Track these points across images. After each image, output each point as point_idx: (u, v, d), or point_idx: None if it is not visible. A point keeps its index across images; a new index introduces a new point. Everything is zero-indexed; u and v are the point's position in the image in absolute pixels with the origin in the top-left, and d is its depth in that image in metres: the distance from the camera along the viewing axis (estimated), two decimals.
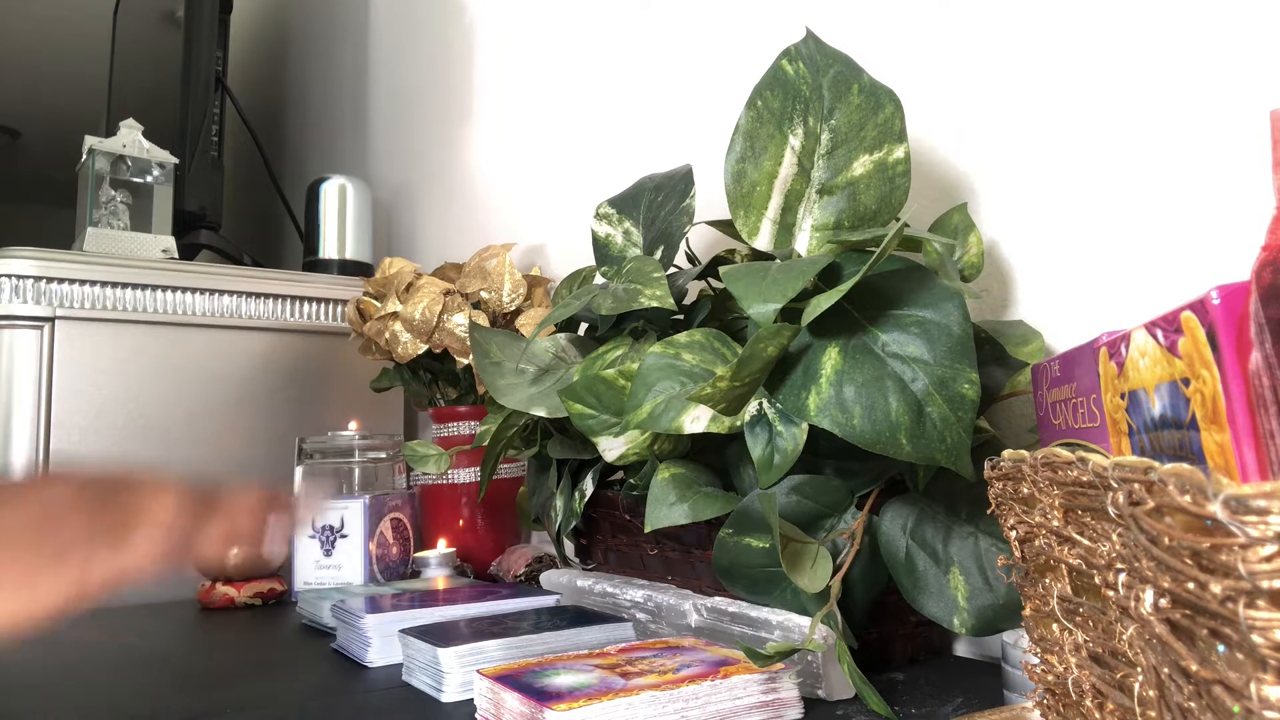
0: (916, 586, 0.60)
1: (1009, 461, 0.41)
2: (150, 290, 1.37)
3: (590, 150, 1.26)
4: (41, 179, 3.76)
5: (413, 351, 1.18)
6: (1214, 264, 0.60)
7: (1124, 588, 0.32)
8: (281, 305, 1.48)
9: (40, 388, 1.28)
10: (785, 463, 0.60)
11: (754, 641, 0.61)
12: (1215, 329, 0.31)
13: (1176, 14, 0.63)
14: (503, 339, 0.84)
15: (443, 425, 1.22)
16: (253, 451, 1.43)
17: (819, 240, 0.65)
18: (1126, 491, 0.29)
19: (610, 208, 0.84)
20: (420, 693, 0.64)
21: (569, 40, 1.31)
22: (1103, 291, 0.67)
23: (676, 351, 0.64)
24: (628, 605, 0.74)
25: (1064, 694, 0.39)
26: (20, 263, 1.28)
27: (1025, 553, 0.42)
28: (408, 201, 1.77)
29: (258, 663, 0.77)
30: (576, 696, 0.49)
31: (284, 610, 1.02)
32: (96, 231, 1.44)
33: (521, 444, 0.90)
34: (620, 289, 0.72)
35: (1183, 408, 0.33)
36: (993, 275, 0.75)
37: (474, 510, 1.19)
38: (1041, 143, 0.72)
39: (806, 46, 0.67)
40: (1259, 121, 0.58)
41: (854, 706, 0.56)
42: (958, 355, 0.56)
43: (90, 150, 1.47)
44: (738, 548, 0.62)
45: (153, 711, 0.63)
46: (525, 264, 1.35)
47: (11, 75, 3.25)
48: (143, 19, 1.93)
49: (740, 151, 0.66)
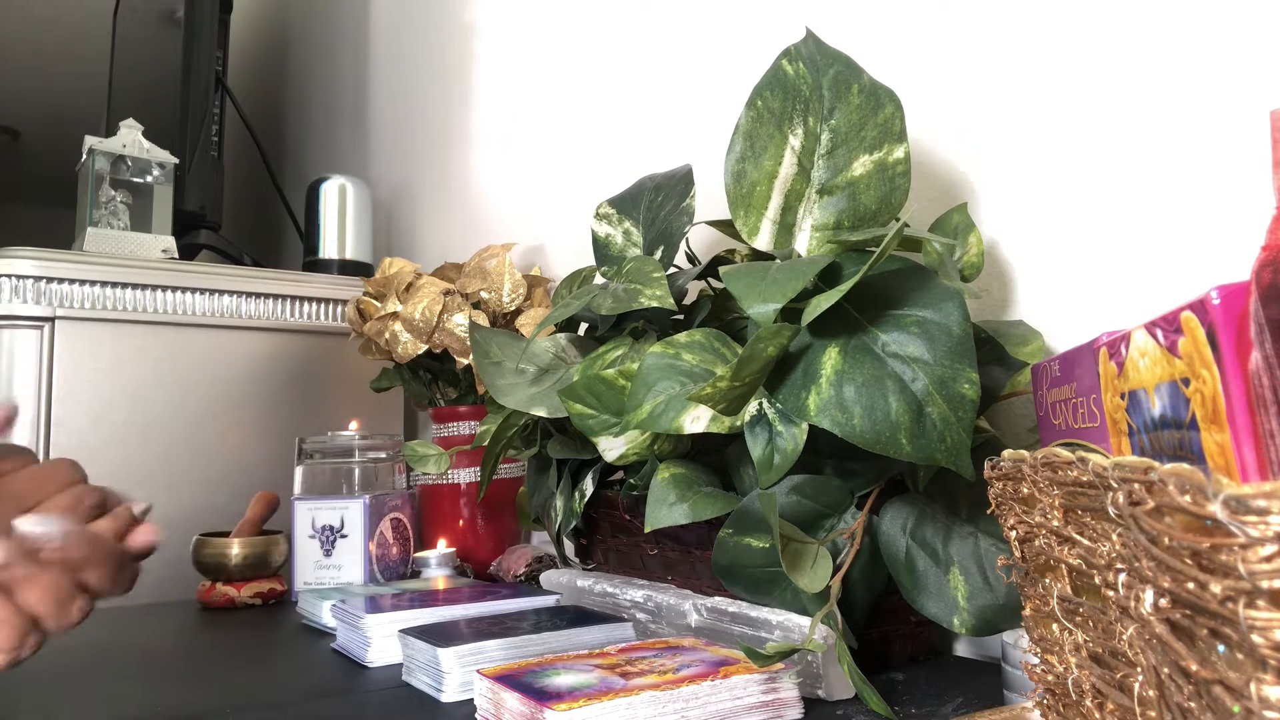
0: (916, 586, 0.60)
1: (1009, 461, 0.41)
2: (150, 290, 1.37)
3: (590, 150, 1.26)
4: (41, 179, 3.77)
5: (413, 351, 1.18)
6: (1214, 264, 0.60)
7: (1124, 588, 0.32)
8: (281, 305, 1.48)
9: (40, 388, 1.28)
10: (785, 463, 0.60)
11: (754, 641, 0.61)
12: (1215, 329, 0.31)
13: (1176, 14, 0.63)
14: (503, 339, 0.84)
15: (443, 425, 1.22)
16: (253, 451, 1.43)
17: (819, 240, 0.65)
18: (1126, 491, 0.29)
19: (610, 208, 0.84)
20: (420, 693, 0.64)
21: (569, 40, 1.31)
22: (1103, 291, 0.67)
23: (676, 351, 0.64)
24: (628, 605, 0.74)
25: (1064, 694, 0.39)
26: (20, 263, 1.28)
27: (1025, 553, 0.42)
28: (408, 201, 1.77)
29: (258, 663, 0.77)
30: (576, 696, 0.49)
31: (284, 610, 1.02)
32: (96, 231, 1.44)
33: (521, 444, 0.90)
34: (620, 289, 0.72)
35: (1183, 408, 0.33)
36: (993, 275, 0.75)
37: (474, 510, 1.19)
38: (1041, 143, 0.72)
39: (806, 46, 0.67)
40: (1259, 121, 0.58)
41: (854, 706, 0.56)
42: (958, 355, 0.56)
43: (90, 150, 1.47)
44: (738, 548, 0.62)
45: (153, 711, 0.63)
46: (525, 264, 1.35)
47: (11, 75, 3.25)
48: (143, 19, 1.93)
49: (740, 151, 0.66)
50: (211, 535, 1.07)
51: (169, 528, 1.23)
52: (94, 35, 2.57)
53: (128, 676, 0.74)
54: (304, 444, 1.14)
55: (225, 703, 0.64)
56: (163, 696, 0.67)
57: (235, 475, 1.40)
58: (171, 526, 1.24)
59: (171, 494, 1.33)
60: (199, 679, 0.72)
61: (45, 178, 3.74)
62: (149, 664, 0.78)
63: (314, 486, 1.11)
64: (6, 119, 3.53)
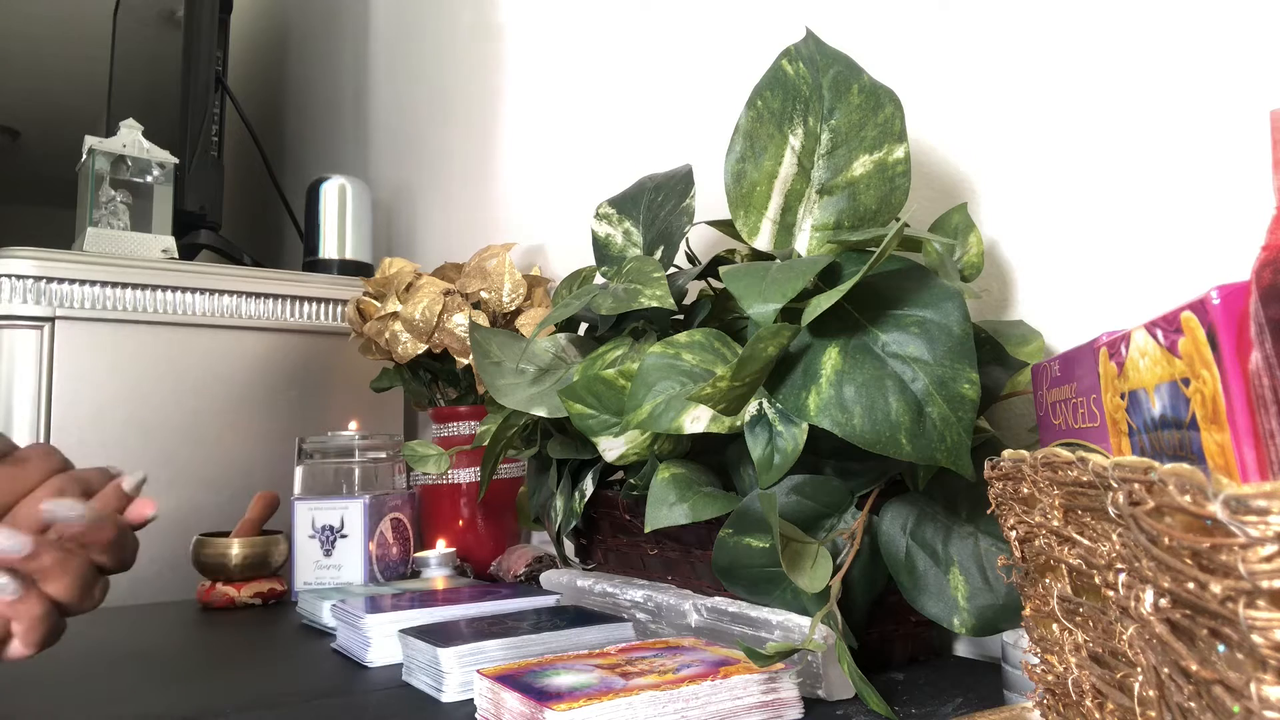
0: (916, 586, 0.60)
1: (1009, 461, 0.41)
2: (150, 290, 1.37)
3: (590, 150, 1.26)
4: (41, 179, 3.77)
5: (413, 351, 1.18)
6: (1214, 264, 0.60)
7: (1124, 588, 0.32)
8: (281, 305, 1.48)
9: (40, 388, 1.28)
10: (785, 463, 0.60)
11: (754, 641, 0.61)
12: (1215, 329, 0.31)
13: (1176, 14, 0.63)
14: (503, 339, 0.84)
15: (443, 425, 1.22)
16: (253, 451, 1.43)
17: (819, 240, 0.65)
18: (1126, 491, 0.29)
19: (610, 208, 0.84)
20: (420, 693, 0.64)
21: (569, 40, 1.31)
22: (1103, 291, 0.67)
23: (676, 351, 0.64)
24: (628, 605, 0.74)
25: (1064, 694, 0.39)
26: (20, 263, 1.28)
27: (1025, 553, 0.42)
28: (408, 201, 1.77)
29: (258, 663, 0.77)
30: (576, 696, 0.49)
31: (284, 610, 1.02)
32: (96, 231, 1.44)
33: (521, 444, 0.90)
34: (620, 289, 0.72)
35: (1183, 408, 0.33)
36: (993, 275, 0.75)
37: (474, 510, 1.19)
38: (1041, 143, 0.72)
39: (806, 46, 0.67)
40: (1259, 121, 0.58)
41: (854, 706, 0.56)
42: (958, 355, 0.56)
43: (90, 150, 1.47)
44: (738, 548, 0.62)
45: (153, 711, 0.63)
46: (525, 264, 1.35)
47: (11, 75, 3.26)
48: (143, 19, 1.93)
49: (740, 151, 0.66)
50: (212, 535, 1.07)
51: (169, 528, 1.23)
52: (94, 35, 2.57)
53: (128, 676, 0.74)
54: (304, 444, 1.14)
55: (225, 703, 0.64)
56: (163, 696, 0.67)
57: (235, 475, 1.40)
58: (171, 526, 1.25)
59: (171, 494, 1.33)
60: (199, 679, 0.72)
61: (45, 178, 3.74)
62: (149, 664, 0.78)
63: (314, 486, 1.11)
64: (6, 119, 3.54)
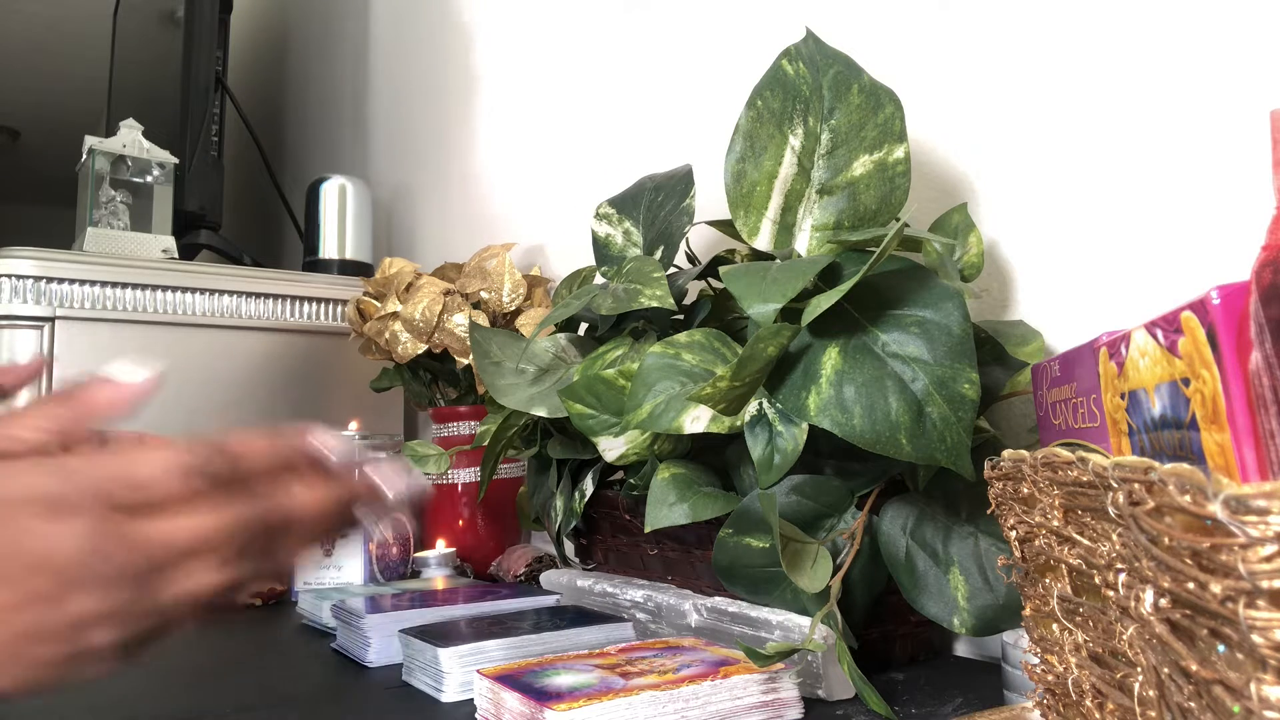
0: (916, 586, 0.60)
1: (1009, 461, 0.41)
2: (150, 290, 1.37)
3: (590, 150, 1.26)
4: (41, 179, 3.77)
5: (413, 351, 1.18)
6: (1214, 264, 0.60)
7: (1124, 588, 0.32)
8: (281, 305, 1.48)
9: (40, 388, 1.28)
10: (785, 463, 0.60)
11: (754, 641, 0.61)
12: (1215, 329, 0.31)
13: (1176, 14, 0.63)
14: (503, 339, 0.84)
15: (443, 425, 1.22)
16: None
17: (819, 240, 0.65)
18: (1126, 491, 0.29)
19: (610, 208, 0.84)
20: (420, 693, 0.64)
21: (569, 40, 1.31)
22: (1103, 291, 0.67)
23: (676, 351, 0.64)
24: (628, 605, 0.74)
25: (1064, 694, 0.39)
26: (20, 263, 1.27)
27: (1025, 553, 0.42)
28: (408, 201, 1.77)
29: (258, 663, 0.77)
30: (576, 696, 0.49)
31: (284, 610, 1.02)
32: (96, 231, 1.44)
33: (521, 444, 0.90)
34: (620, 289, 0.72)
35: (1183, 408, 0.33)
36: (993, 275, 0.75)
37: (474, 510, 1.19)
38: (1041, 143, 0.72)
39: (806, 46, 0.67)
40: (1259, 121, 0.58)
41: (854, 706, 0.56)
42: (958, 355, 0.56)
43: (90, 150, 1.47)
44: (738, 548, 0.62)
45: (153, 711, 0.63)
46: (525, 264, 1.35)
47: (11, 75, 3.26)
48: (143, 19, 1.93)
49: (740, 151, 0.66)
50: None
51: None
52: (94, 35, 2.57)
53: (127, 676, 0.74)
54: None
55: (225, 703, 0.64)
56: (163, 696, 0.67)
57: None
58: None
59: None
60: (199, 679, 0.72)
61: (45, 178, 3.74)
62: (149, 664, 0.78)
63: None
64: (6, 119, 3.54)
